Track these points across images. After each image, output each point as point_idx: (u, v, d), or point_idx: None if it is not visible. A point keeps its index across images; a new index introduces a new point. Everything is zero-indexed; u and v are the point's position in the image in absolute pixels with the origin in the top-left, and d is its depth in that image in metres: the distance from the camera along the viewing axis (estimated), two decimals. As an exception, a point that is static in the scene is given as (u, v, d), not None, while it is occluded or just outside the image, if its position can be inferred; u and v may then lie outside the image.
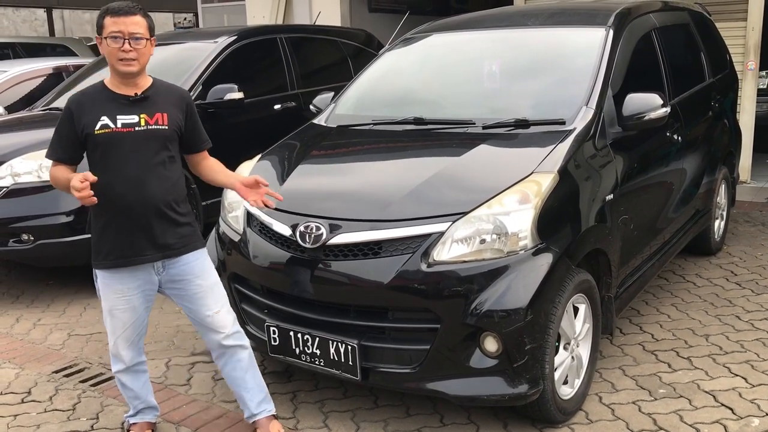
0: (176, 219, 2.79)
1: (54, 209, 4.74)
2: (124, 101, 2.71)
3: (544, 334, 2.85)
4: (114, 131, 2.67)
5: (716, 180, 5.10)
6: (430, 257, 2.85)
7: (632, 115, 3.55)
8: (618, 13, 4.05)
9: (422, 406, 3.30)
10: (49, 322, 4.57)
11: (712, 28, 5.61)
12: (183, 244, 2.82)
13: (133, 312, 2.84)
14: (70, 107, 2.72)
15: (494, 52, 4.25)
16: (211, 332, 2.92)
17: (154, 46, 2.78)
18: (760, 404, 3.22)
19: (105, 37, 2.66)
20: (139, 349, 2.94)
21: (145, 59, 2.71)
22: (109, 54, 2.67)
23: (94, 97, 2.72)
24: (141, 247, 2.74)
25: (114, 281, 2.79)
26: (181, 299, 2.90)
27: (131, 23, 2.65)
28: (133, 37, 2.65)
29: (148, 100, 2.74)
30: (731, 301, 4.43)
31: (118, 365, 2.93)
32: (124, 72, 2.67)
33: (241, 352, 2.97)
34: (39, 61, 8.28)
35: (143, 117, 2.71)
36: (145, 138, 2.70)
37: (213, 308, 2.89)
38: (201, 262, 2.88)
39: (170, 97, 2.81)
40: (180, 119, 2.81)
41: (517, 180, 3.02)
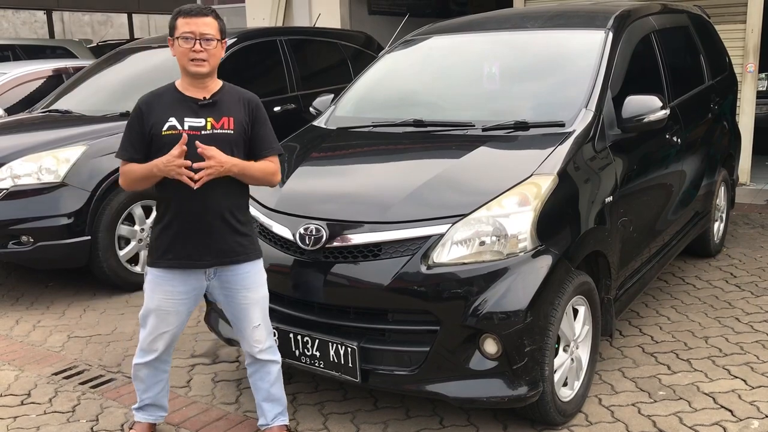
0: (236, 227, 2.78)
1: (53, 211, 4.74)
2: (193, 104, 2.72)
3: (544, 336, 2.85)
4: (181, 133, 2.66)
5: (716, 182, 5.10)
6: (429, 259, 2.86)
7: (632, 117, 3.55)
8: (617, 15, 4.06)
9: (422, 408, 3.30)
10: (48, 324, 4.57)
11: (711, 31, 5.62)
12: (239, 253, 2.79)
13: (177, 316, 2.85)
14: (140, 107, 2.74)
15: (494, 55, 4.26)
16: (246, 343, 2.93)
17: (225, 49, 2.79)
18: (760, 406, 3.22)
19: (176, 38, 2.70)
20: (170, 351, 2.96)
21: (215, 61, 2.73)
22: (180, 54, 2.69)
23: (164, 98, 2.74)
24: (199, 252, 2.74)
25: (165, 282, 2.79)
26: (226, 307, 2.91)
27: (203, 24, 2.68)
28: (204, 38, 2.67)
29: (216, 104, 2.74)
30: (731, 303, 4.44)
31: (147, 357, 2.91)
32: (194, 72, 2.69)
33: (272, 366, 2.97)
34: (39, 63, 8.28)
35: (210, 120, 2.71)
36: (211, 142, 2.68)
37: (255, 322, 2.88)
38: (253, 274, 2.85)
39: (238, 100, 2.80)
40: (246, 123, 2.79)
41: (516, 182, 3.02)
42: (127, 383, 3.69)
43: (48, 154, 4.83)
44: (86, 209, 4.79)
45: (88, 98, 6.04)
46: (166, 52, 6.30)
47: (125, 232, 5.00)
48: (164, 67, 6.10)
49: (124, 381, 3.72)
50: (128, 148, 2.75)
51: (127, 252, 5.02)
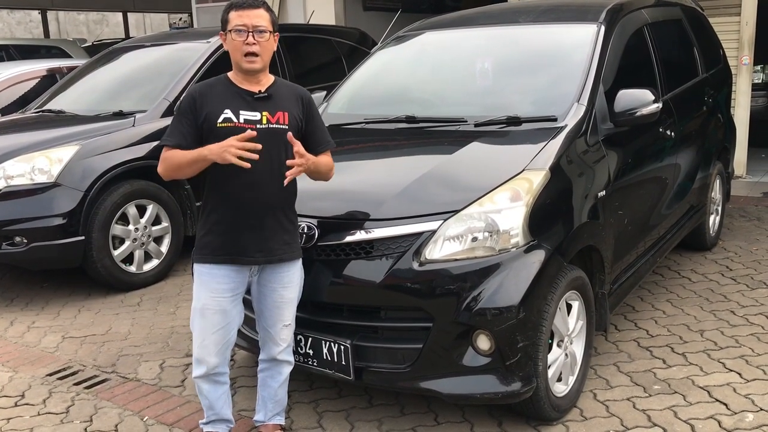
0: (286, 225, 2.76)
1: (47, 212, 4.73)
2: (248, 97, 2.69)
3: (537, 332, 2.84)
4: (236, 126, 2.63)
5: (711, 175, 5.09)
6: (422, 256, 2.85)
7: (624, 111, 3.54)
8: (609, 9, 4.05)
9: (416, 405, 3.30)
10: (43, 324, 4.56)
11: (705, 23, 5.61)
12: (284, 251, 2.76)
13: (224, 315, 2.75)
14: (193, 95, 2.70)
15: (486, 50, 4.25)
16: (271, 342, 2.88)
17: (277, 41, 2.75)
18: (755, 399, 3.22)
19: (229, 31, 2.66)
20: (226, 358, 2.84)
21: (268, 54, 2.69)
22: (234, 48, 2.66)
23: (218, 90, 2.71)
24: (247, 248, 2.70)
25: (211, 279, 2.72)
26: (257, 302, 2.86)
27: (255, 16, 2.65)
28: (257, 30, 2.64)
29: (271, 98, 2.71)
30: (726, 297, 4.43)
31: (200, 369, 2.80)
32: (249, 69, 2.67)
33: (286, 367, 2.96)
34: (32, 63, 8.26)
35: (265, 114, 2.68)
36: (266, 136, 2.64)
37: (286, 321, 2.84)
38: (293, 273, 2.82)
39: (291, 96, 2.78)
40: (300, 119, 2.77)
41: (508, 177, 3.01)
42: (121, 383, 3.68)
43: (41, 155, 4.81)
44: (80, 209, 4.77)
45: (81, 98, 6.03)
46: (160, 50, 6.38)
47: (119, 232, 4.98)
48: (158, 66, 6.11)
49: (118, 381, 3.71)
50: (177, 135, 2.68)
51: (121, 252, 5.00)
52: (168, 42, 6.52)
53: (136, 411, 3.40)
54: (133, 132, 5.17)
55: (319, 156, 2.82)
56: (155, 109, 5.37)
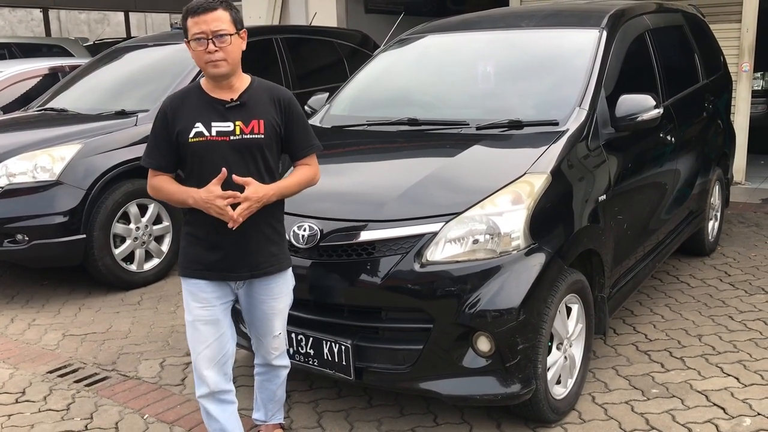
0: (270, 236, 2.62)
1: (49, 209, 4.74)
2: (220, 107, 2.52)
3: (537, 334, 2.86)
4: (208, 140, 2.48)
5: (710, 181, 5.12)
6: (423, 257, 2.86)
7: (625, 116, 3.56)
8: (612, 14, 4.07)
9: (416, 405, 3.31)
10: (43, 322, 4.57)
11: (706, 30, 5.63)
12: (271, 264, 2.63)
13: (216, 326, 2.62)
14: (165, 110, 2.54)
15: (489, 54, 4.27)
16: (263, 350, 2.83)
17: (246, 39, 2.56)
18: (752, 404, 3.24)
19: (190, 41, 2.48)
20: (226, 374, 2.68)
21: (234, 57, 2.49)
22: (196, 58, 2.49)
23: (190, 101, 2.54)
24: (232, 264, 2.57)
25: (197, 289, 2.60)
26: (248, 313, 2.77)
27: (213, 20, 2.43)
28: (217, 35, 2.44)
29: (245, 105, 2.53)
30: (724, 302, 4.45)
31: (202, 389, 2.66)
32: (214, 74, 2.49)
33: (283, 371, 2.92)
34: (35, 61, 8.28)
35: (238, 125, 2.50)
36: (241, 148, 2.50)
37: (276, 331, 2.77)
38: (282, 284, 2.71)
39: (268, 99, 2.58)
40: (278, 124, 2.58)
41: (510, 181, 3.03)
42: (122, 381, 3.70)
43: (43, 153, 4.83)
44: (81, 208, 4.79)
45: (83, 96, 6.04)
46: (162, 50, 6.40)
47: (120, 231, 5.00)
48: (160, 65, 6.13)
49: (118, 379, 3.72)
50: (155, 155, 2.56)
51: (122, 250, 5.01)
52: (170, 42, 6.53)
53: (136, 409, 3.41)
54: (135, 131, 5.18)
55: (296, 172, 2.68)
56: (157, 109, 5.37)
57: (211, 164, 2.48)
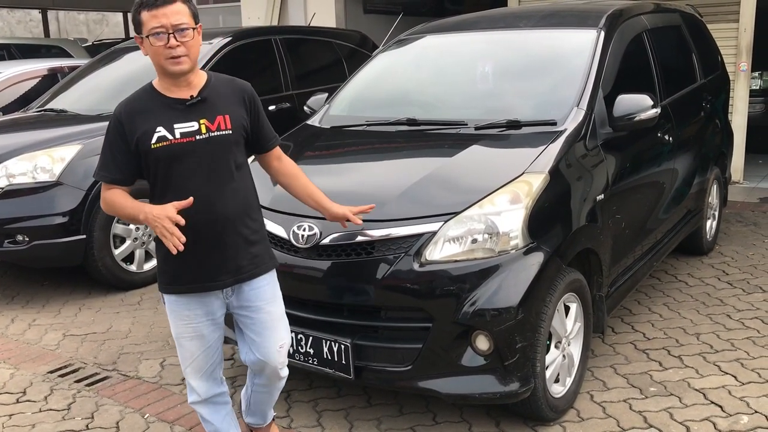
0: (249, 236, 2.47)
1: (49, 210, 4.76)
2: (180, 106, 2.34)
3: (535, 333, 2.88)
4: (173, 143, 2.31)
5: (708, 180, 5.13)
6: (422, 257, 2.88)
7: (623, 115, 3.58)
8: (609, 14, 4.09)
9: (415, 404, 3.33)
10: (44, 322, 4.58)
11: (703, 30, 5.65)
12: (255, 265, 2.49)
13: (202, 340, 2.51)
14: (119, 119, 2.35)
15: (487, 54, 4.29)
16: (269, 366, 2.62)
17: (201, 34, 2.38)
18: (749, 402, 3.25)
19: (146, 36, 2.29)
20: (215, 379, 2.63)
21: (195, 52, 2.33)
22: (154, 54, 2.29)
23: (146, 105, 2.35)
24: (212, 272, 2.42)
25: (180, 307, 2.47)
26: (247, 328, 2.57)
27: (172, 13, 2.26)
28: (178, 29, 2.27)
29: (207, 102, 2.37)
30: (722, 300, 4.47)
31: (193, 396, 2.63)
32: (175, 72, 2.30)
33: (282, 381, 2.76)
34: (34, 62, 8.28)
35: (203, 123, 2.34)
36: (208, 147, 2.35)
37: (282, 339, 2.61)
38: (272, 286, 2.57)
39: (230, 93, 2.43)
40: (244, 119, 2.44)
41: (508, 180, 3.05)
42: (122, 381, 3.71)
43: (43, 153, 4.84)
44: (81, 208, 4.80)
45: (83, 97, 6.05)
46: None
47: (120, 231, 5.01)
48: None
49: (119, 379, 3.74)
50: (111, 167, 2.37)
51: (122, 251, 5.03)
52: (170, 43, 6.54)
53: (137, 408, 3.43)
54: (135, 132, 5.19)
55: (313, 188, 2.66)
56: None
57: (179, 169, 2.33)
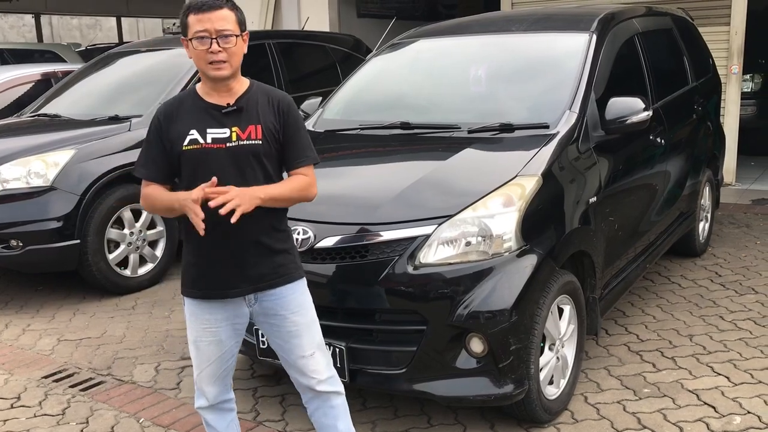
0: (273, 246, 2.43)
1: (43, 215, 4.76)
2: (216, 112, 2.37)
3: (529, 335, 2.89)
4: (203, 147, 2.33)
5: (700, 182, 5.16)
6: (416, 260, 2.89)
7: (615, 118, 3.60)
8: (601, 18, 4.11)
9: (410, 407, 3.33)
10: (38, 327, 4.57)
11: (695, 33, 5.69)
12: (278, 275, 2.44)
13: (219, 346, 2.48)
14: (158, 118, 2.41)
15: (480, 58, 4.30)
16: (302, 376, 2.55)
17: (247, 42, 2.41)
18: (742, 402, 3.27)
19: (190, 39, 2.32)
20: (226, 385, 2.60)
21: (237, 60, 2.35)
22: (197, 57, 2.33)
23: (184, 107, 2.40)
24: (231, 280, 2.41)
25: (201, 311, 2.45)
26: (272, 335, 2.54)
27: (218, 19, 2.29)
28: (222, 35, 2.29)
29: (242, 110, 2.38)
30: (715, 302, 4.49)
31: (201, 401, 2.58)
32: (215, 77, 2.34)
33: (336, 398, 2.60)
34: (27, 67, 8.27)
35: (235, 131, 2.35)
36: (237, 155, 2.34)
37: (308, 350, 2.51)
38: (298, 296, 2.50)
39: (267, 103, 2.42)
40: (277, 130, 2.41)
41: (501, 183, 3.06)
42: (117, 386, 3.71)
43: (37, 158, 4.84)
44: (75, 213, 4.80)
45: (77, 102, 6.05)
46: (155, 56, 6.41)
47: (114, 236, 5.01)
48: (153, 71, 6.15)
49: (114, 384, 3.74)
50: (149, 165, 2.42)
51: (116, 255, 5.03)
52: (164, 47, 6.55)
53: (132, 413, 3.43)
54: (129, 136, 5.20)
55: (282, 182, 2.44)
56: (151, 114, 5.38)
57: (205, 173, 2.32)
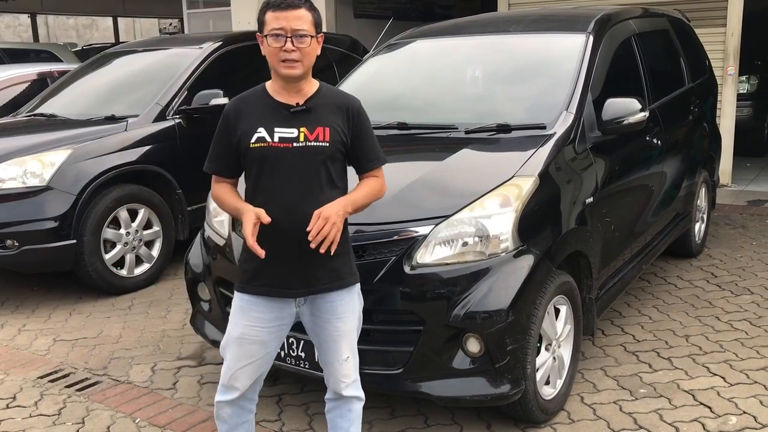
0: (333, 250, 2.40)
1: (39, 215, 4.75)
2: (285, 112, 2.37)
3: (526, 335, 2.89)
4: (270, 146, 2.33)
5: (696, 183, 5.18)
6: (413, 260, 2.89)
7: (611, 119, 3.61)
8: (598, 19, 4.12)
9: (407, 407, 3.33)
10: (34, 327, 4.56)
11: (691, 34, 5.70)
12: (332, 280, 2.43)
13: (262, 346, 2.47)
14: (228, 114, 2.42)
15: (477, 58, 4.31)
16: (332, 377, 2.56)
17: (321, 44, 2.42)
18: (738, 402, 3.28)
19: (266, 36, 2.34)
20: (258, 386, 2.57)
21: (310, 60, 2.36)
22: (270, 54, 2.35)
23: (254, 104, 2.41)
24: (288, 280, 2.40)
25: (250, 308, 2.44)
26: (313, 333, 2.55)
27: (295, 18, 2.30)
28: (297, 35, 2.30)
29: (311, 111, 2.38)
30: (711, 303, 4.50)
31: (228, 395, 2.51)
32: (287, 75, 2.34)
33: (355, 403, 2.61)
34: (23, 66, 8.26)
35: (303, 131, 2.35)
36: (304, 156, 2.34)
37: (344, 355, 2.52)
38: (347, 303, 2.48)
39: (336, 107, 2.42)
40: (345, 134, 2.41)
41: (498, 183, 3.07)
42: (113, 386, 3.70)
43: (33, 158, 4.83)
44: (71, 213, 4.79)
45: (73, 102, 6.04)
46: (152, 56, 6.40)
47: (111, 236, 5.00)
48: (149, 71, 6.14)
49: (110, 384, 3.73)
50: (215, 160, 2.47)
51: (112, 255, 5.02)
52: (161, 47, 6.55)
53: (128, 413, 3.42)
54: (126, 136, 5.19)
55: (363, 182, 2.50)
56: (147, 114, 5.40)
57: (271, 173, 2.35)
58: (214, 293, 3.43)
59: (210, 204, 3.64)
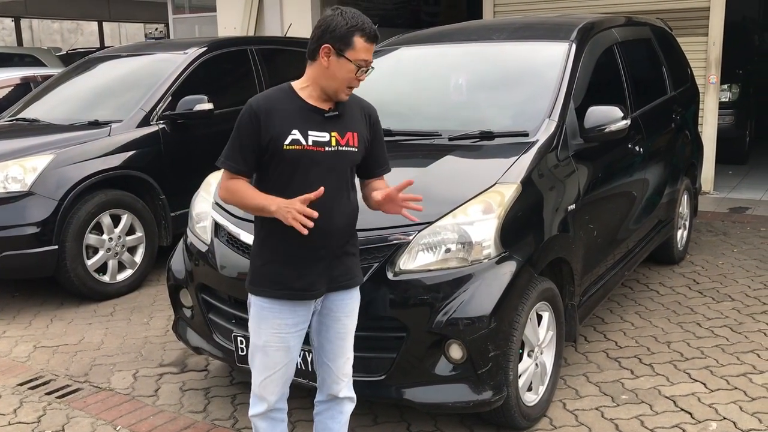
0: (349, 249, 2.49)
1: (20, 220, 4.70)
2: (317, 116, 2.38)
3: (508, 342, 2.90)
4: (304, 149, 2.34)
5: (678, 190, 5.22)
6: (396, 266, 2.90)
7: (594, 127, 3.64)
8: (581, 27, 4.15)
9: (389, 414, 3.33)
10: (14, 334, 4.52)
11: (673, 43, 5.76)
12: (348, 278, 2.49)
13: (288, 352, 2.47)
14: (257, 113, 2.36)
15: (461, 66, 4.33)
16: (331, 380, 2.59)
17: None
18: (718, 408, 3.31)
19: (349, 59, 2.33)
20: (285, 394, 2.57)
21: None
22: (342, 76, 2.35)
23: (285, 105, 2.39)
24: (312, 281, 2.41)
25: (273, 314, 2.43)
26: (318, 334, 2.56)
27: (372, 51, 2.38)
28: (370, 67, 2.39)
29: (341, 117, 2.42)
30: (693, 309, 4.54)
31: (261, 407, 2.52)
32: (343, 99, 2.41)
33: (348, 405, 2.66)
34: (6, 71, 8.20)
35: (335, 135, 2.38)
36: (334, 160, 2.38)
37: (348, 353, 2.57)
38: (354, 301, 2.55)
39: (360, 113, 2.49)
40: (367, 139, 2.48)
41: (481, 190, 3.08)
42: (94, 393, 3.67)
43: (14, 163, 4.79)
44: (53, 218, 4.75)
45: (56, 107, 6.00)
46: (137, 60, 6.37)
47: (93, 242, 4.96)
48: (134, 76, 6.11)
49: (90, 391, 3.70)
50: (237, 159, 2.38)
51: (95, 261, 4.98)
52: (145, 52, 6.53)
53: (108, 420, 3.39)
54: (109, 141, 5.17)
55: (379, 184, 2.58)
56: (131, 119, 5.37)
57: (302, 176, 2.35)
58: (196, 299, 3.42)
59: (193, 210, 3.63)
